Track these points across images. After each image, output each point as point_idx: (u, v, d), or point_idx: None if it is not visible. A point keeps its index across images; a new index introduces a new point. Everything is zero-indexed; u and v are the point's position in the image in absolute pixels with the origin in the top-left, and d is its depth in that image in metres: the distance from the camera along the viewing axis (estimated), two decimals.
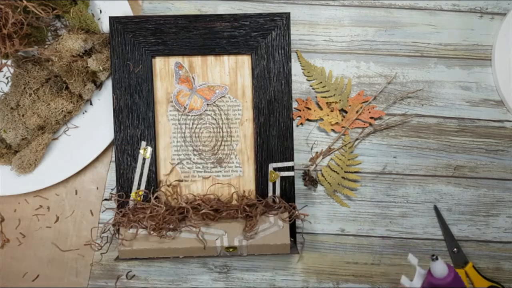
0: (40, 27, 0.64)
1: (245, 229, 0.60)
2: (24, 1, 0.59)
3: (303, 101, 0.68)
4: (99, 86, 0.67)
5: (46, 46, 0.64)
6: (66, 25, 0.67)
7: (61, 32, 0.67)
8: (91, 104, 0.67)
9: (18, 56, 0.64)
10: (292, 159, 0.64)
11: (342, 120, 0.68)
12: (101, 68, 0.63)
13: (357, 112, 0.68)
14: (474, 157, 0.69)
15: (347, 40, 0.70)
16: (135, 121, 0.64)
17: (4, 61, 0.64)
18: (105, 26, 0.67)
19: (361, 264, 0.67)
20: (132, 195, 0.63)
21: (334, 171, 0.67)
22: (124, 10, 0.66)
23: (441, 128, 0.69)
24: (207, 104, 0.65)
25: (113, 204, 0.65)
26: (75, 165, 0.66)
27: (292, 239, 0.64)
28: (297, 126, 0.68)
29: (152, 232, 0.60)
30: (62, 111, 0.64)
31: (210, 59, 0.65)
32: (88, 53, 0.65)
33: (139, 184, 0.63)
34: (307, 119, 0.68)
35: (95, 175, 0.68)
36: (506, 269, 0.68)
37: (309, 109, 0.68)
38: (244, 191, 0.65)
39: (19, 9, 0.60)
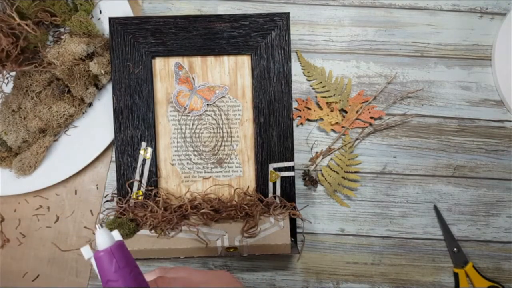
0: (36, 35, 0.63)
1: (244, 228, 0.60)
2: (17, 20, 0.59)
3: (303, 101, 0.68)
4: (100, 88, 0.67)
5: (48, 49, 0.64)
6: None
7: (63, 35, 0.66)
8: (91, 105, 0.67)
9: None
10: (292, 159, 0.64)
11: (342, 120, 0.68)
12: (102, 71, 0.63)
13: (357, 112, 0.68)
14: (474, 157, 0.69)
15: (347, 40, 0.70)
16: (135, 121, 0.64)
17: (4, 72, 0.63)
18: (105, 26, 0.66)
19: (361, 264, 0.67)
20: (133, 195, 0.63)
21: (334, 171, 0.67)
22: (124, 10, 0.66)
23: (441, 128, 0.69)
24: (207, 105, 0.65)
25: (114, 204, 0.65)
26: (75, 165, 0.66)
27: (292, 239, 0.64)
28: (297, 126, 0.68)
29: (151, 230, 0.60)
30: (64, 114, 0.64)
31: (210, 59, 0.65)
32: (90, 56, 0.64)
33: (139, 185, 0.63)
34: (307, 119, 0.68)
35: (95, 175, 0.68)
36: (506, 269, 0.68)
37: (309, 109, 0.68)
38: (243, 188, 0.65)
39: (13, 24, 0.60)
